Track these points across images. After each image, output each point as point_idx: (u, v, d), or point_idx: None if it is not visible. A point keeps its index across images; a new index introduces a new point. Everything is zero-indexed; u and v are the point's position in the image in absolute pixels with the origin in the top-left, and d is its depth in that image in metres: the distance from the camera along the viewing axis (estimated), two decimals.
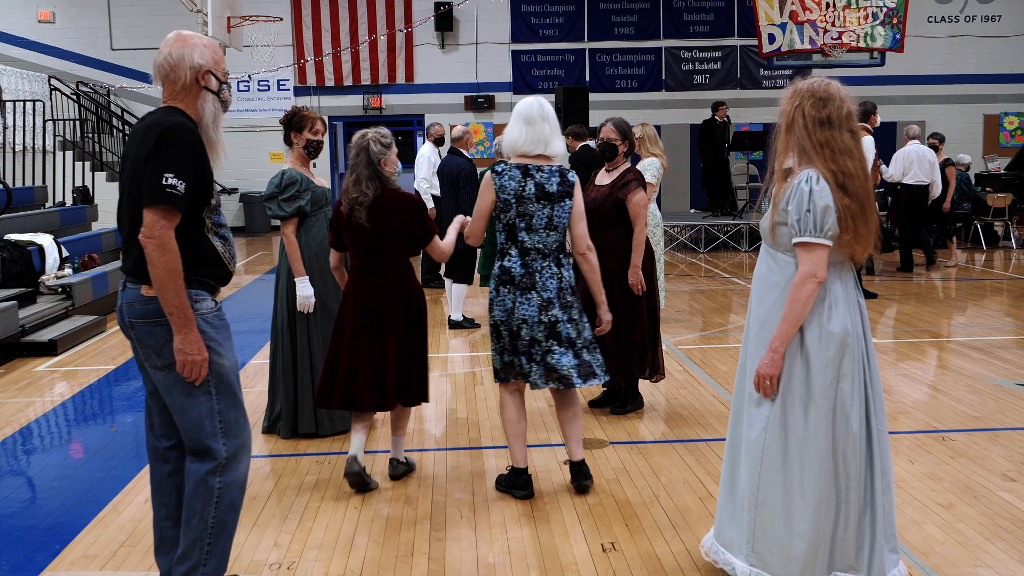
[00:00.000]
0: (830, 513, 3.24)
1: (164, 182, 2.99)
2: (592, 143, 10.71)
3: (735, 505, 3.42)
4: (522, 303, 4.34)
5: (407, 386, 4.63)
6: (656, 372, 5.84)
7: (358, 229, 4.57)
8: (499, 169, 4.38)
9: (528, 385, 4.46)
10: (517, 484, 4.54)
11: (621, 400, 6.01)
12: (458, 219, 4.80)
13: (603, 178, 5.79)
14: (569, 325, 4.40)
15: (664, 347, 5.94)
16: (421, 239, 4.63)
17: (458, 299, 8.94)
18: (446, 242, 4.69)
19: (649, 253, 5.78)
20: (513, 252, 4.38)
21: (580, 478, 4.58)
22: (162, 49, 3.21)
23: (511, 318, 4.36)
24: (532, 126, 4.38)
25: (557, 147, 4.41)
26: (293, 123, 5.41)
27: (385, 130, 4.69)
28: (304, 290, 5.32)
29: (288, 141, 5.47)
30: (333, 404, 4.63)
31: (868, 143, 9.14)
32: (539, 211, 4.34)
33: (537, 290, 4.34)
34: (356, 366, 4.56)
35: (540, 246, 4.37)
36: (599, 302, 4.64)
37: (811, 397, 3.22)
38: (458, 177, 8.73)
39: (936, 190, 11.80)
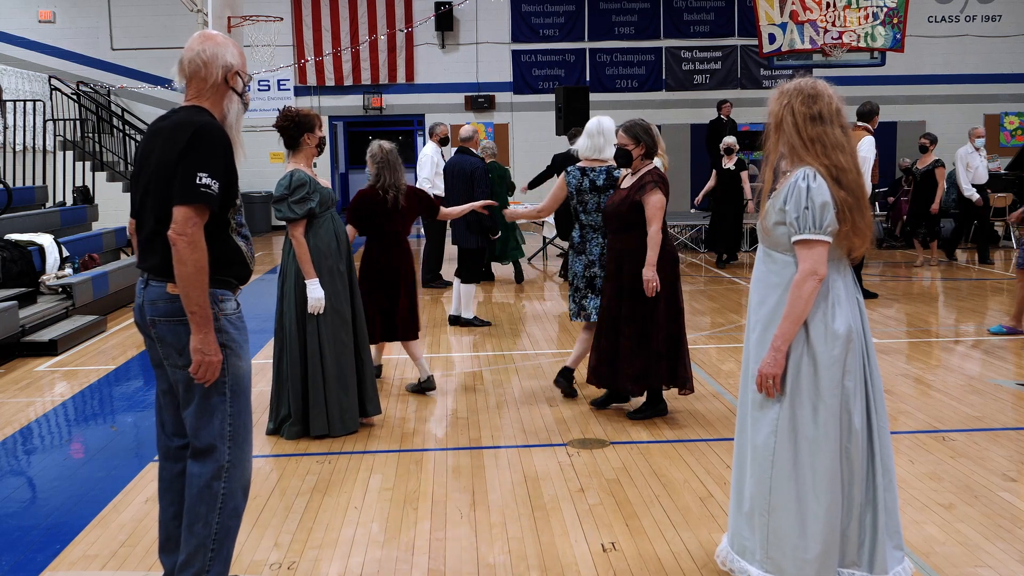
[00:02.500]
0: (839, 512, 3.24)
1: (198, 181, 2.99)
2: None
3: (746, 512, 3.38)
4: (575, 262, 6.15)
5: (401, 326, 6.30)
6: (682, 385, 5.67)
7: (393, 210, 6.18)
8: (569, 170, 6.14)
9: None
10: (561, 376, 6.34)
11: (642, 405, 5.87)
12: (474, 205, 6.71)
13: (626, 181, 5.78)
14: (600, 280, 6.01)
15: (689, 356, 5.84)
16: (434, 211, 6.55)
17: (467, 299, 8.95)
18: (451, 209, 6.84)
19: (672, 258, 5.66)
20: (576, 227, 6.16)
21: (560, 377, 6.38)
22: (190, 46, 3.20)
23: (569, 271, 6.27)
24: (591, 139, 6.09)
25: (608, 154, 6.05)
26: (303, 124, 5.37)
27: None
28: (315, 292, 5.33)
29: (292, 144, 5.43)
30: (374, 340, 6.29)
31: (869, 143, 9.13)
32: (591, 199, 6.02)
33: (586, 254, 6.08)
34: (374, 315, 6.19)
35: (592, 223, 6.06)
36: None
37: (820, 396, 3.20)
38: (472, 175, 8.73)
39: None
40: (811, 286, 3.18)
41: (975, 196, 12.71)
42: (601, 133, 6.06)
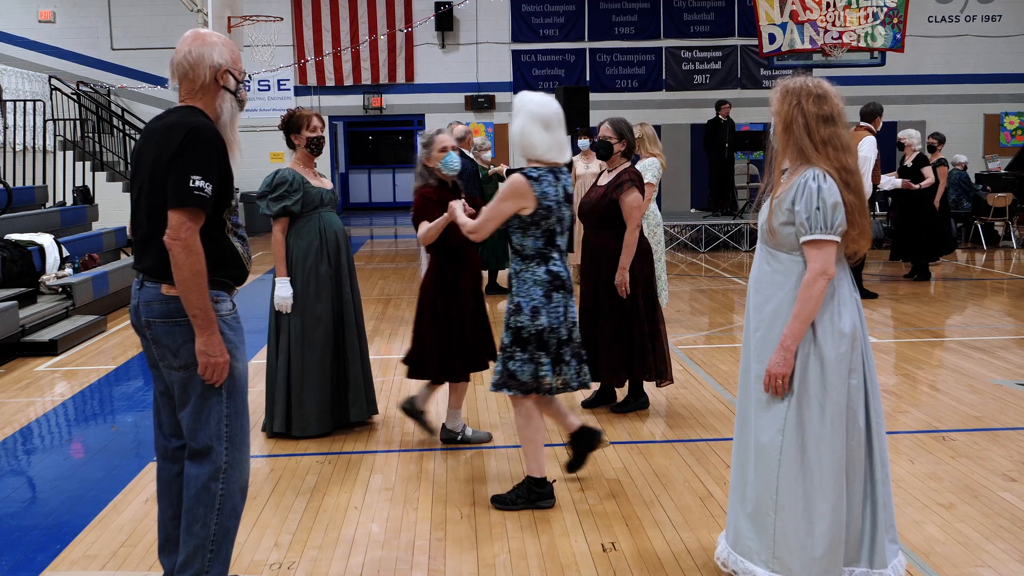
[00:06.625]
0: (844, 509, 3.24)
1: (191, 184, 2.98)
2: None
3: (750, 513, 3.36)
4: (570, 306, 4.29)
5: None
6: (661, 376, 5.77)
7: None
8: (535, 175, 4.15)
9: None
10: (546, 494, 4.40)
11: (624, 399, 6.00)
12: (456, 205, 4.62)
13: (603, 178, 5.81)
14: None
15: (669, 349, 5.90)
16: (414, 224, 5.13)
17: None
18: (423, 229, 4.98)
19: (647, 255, 5.77)
20: (555, 255, 4.24)
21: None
22: (180, 48, 3.19)
23: (564, 323, 4.24)
24: (552, 132, 4.18)
25: (568, 154, 4.32)
26: (291, 125, 5.46)
27: (429, 132, 5.29)
28: (281, 291, 5.34)
29: (290, 144, 5.50)
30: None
31: (870, 143, 9.12)
32: (566, 213, 4.28)
33: (572, 291, 4.32)
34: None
35: (564, 247, 4.33)
36: None
37: (827, 395, 3.20)
38: (459, 177, 8.62)
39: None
40: (821, 286, 3.18)
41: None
42: (562, 124, 4.23)
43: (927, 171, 11.00)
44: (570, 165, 9.32)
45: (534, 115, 4.16)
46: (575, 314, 4.32)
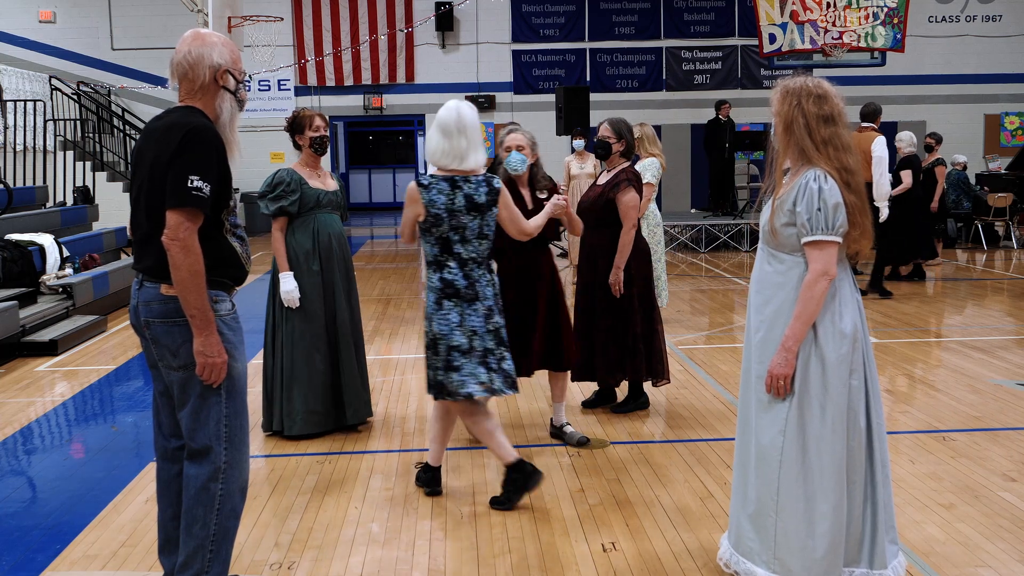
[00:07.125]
0: (845, 510, 3.24)
1: (189, 184, 2.98)
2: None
3: (751, 514, 3.36)
4: (470, 314, 4.27)
5: (556, 351, 5.25)
6: (658, 376, 5.77)
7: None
8: (425, 182, 4.23)
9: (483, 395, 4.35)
10: (528, 472, 4.37)
11: (624, 399, 6.00)
12: (555, 200, 4.69)
13: (601, 178, 5.82)
14: (504, 330, 4.43)
15: (666, 348, 5.90)
16: None
17: None
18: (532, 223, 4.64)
19: (645, 255, 5.75)
20: (452, 264, 4.28)
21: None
22: (179, 47, 3.19)
23: (458, 331, 4.26)
24: (449, 139, 4.22)
25: (473, 162, 4.24)
26: (294, 127, 5.50)
27: (505, 129, 5.24)
28: (285, 284, 5.36)
29: (296, 145, 5.54)
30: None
31: (883, 143, 9.13)
32: (471, 223, 4.25)
33: (480, 299, 4.30)
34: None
35: (475, 255, 4.31)
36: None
37: (828, 395, 3.20)
38: None
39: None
40: (823, 287, 3.18)
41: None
42: (463, 132, 4.23)
43: (904, 175, 10.86)
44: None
45: (437, 122, 4.26)
46: (479, 323, 4.28)
